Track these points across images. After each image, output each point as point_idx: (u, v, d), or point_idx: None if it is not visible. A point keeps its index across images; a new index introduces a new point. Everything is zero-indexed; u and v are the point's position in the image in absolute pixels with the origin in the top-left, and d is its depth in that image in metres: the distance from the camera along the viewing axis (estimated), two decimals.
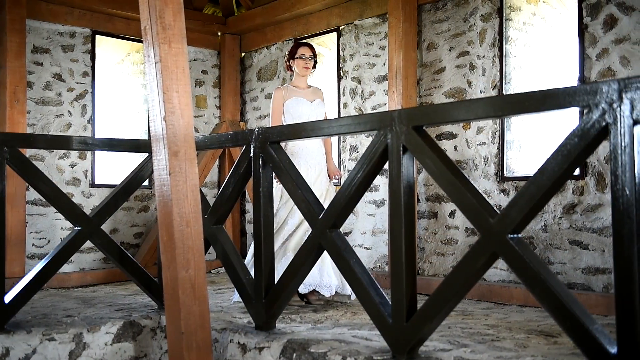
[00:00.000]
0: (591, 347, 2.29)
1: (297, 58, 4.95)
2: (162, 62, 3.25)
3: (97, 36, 6.73)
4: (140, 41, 6.76)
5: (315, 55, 5.01)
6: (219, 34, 7.64)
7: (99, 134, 6.67)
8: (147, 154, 4.56)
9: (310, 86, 5.08)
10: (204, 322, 3.30)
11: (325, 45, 6.91)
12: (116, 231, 6.74)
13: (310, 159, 4.85)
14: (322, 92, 5.12)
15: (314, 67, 5.00)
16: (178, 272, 3.24)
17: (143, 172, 4.61)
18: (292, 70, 5.05)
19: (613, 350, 2.22)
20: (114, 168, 6.76)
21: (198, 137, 4.16)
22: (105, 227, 6.21)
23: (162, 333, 4.21)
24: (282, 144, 3.58)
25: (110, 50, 6.91)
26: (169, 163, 3.27)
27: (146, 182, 6.64)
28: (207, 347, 3.31)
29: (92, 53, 6.67)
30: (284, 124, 4.78)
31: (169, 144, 3.26)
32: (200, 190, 3.79)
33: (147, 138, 6.58)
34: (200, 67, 7.62)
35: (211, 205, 4.19)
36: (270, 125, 4.76)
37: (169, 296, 3.31)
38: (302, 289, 4.56)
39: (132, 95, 7.05)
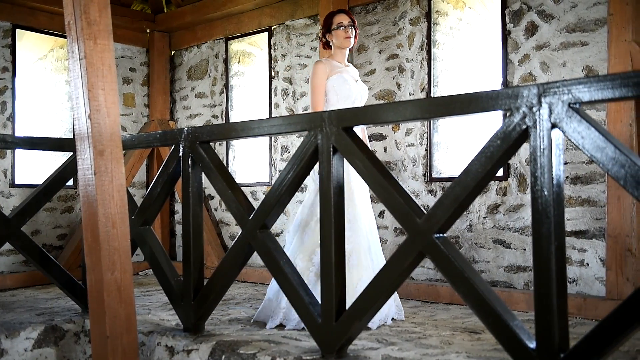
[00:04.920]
0: (511, 342, 2.37)
1: (335, 29, 4.17)
2: (87, 59, 3.16)
3: (18, 30, 6.45)
4: (65, 36, 6.54)
5: (354, 22, 4.21)
6: (148, 31, 7.48)
7: (19, 132, 6.41)
8: (71, 153, 4.42)
9: (348, 64, 4.31)
10: (130, 325, 3.23)
11: (257, 45, 6.89)
12: (38, 233, 6.49)
13: None
14: (357, 72, 4.40)
15: (355, 36, 4.22)
16: (103, 275, 3.16)
17: (67, 172, 4.47)
18: (329, 47, 4.28)
19: (532, 345, 2.30)
20: (36, 167, 6.51)
21: (125, 136, 4.07)
22: (27, 228, 6.00)
23: (86, 337, 4.09)
24: None
25: (32, 45, 6.64)
26: (94, 162, 3.18)
27: (70, 182, 6.44)
28: (134, 350, 3.24)
29: (13, 48, 6.40)
30: (327, 104, 4.12)
31: (94, 142, 3.18)
32: (128, 190, 3.71)
33: (71, 137, 6.38)
34: (128, 65, 7.44)
35: (139, 205, 4.10)
36: (310, 107, 4.13)
37: (93, 299, 3.22)
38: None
39: (55, 92, 6.80)
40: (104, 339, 3.16)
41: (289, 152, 6.34)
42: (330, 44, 4.25)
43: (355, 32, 4.20)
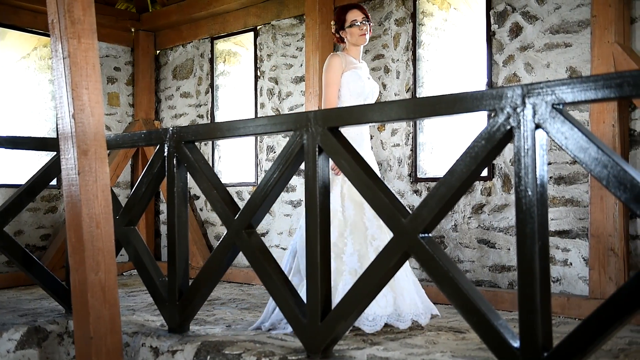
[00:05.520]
0: (496, 342, 2.38)
1: (349, 27, 4.00)
2: (71, 58, 3.14)
3: (0, 29, 6.40)
4: (48, 35, 6.48)
5: (368, 16, 4.04)
6: (133, 30, 7.44)
7: (2, 131, 6.34)
8: (55, 153, 4.38)
9: (361, 60, 4.17)
10: (114, 326, 3.21)
11: (243, 45, 6.87)
12: (21, 233, 6.43)
13: (362, 150, 3.89)
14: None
15: (370, 30, 4.06)
16: (87, 275, 3.14)
17: (50, 172, 4.43)
18: (343, 42, 4.11)
19: (516, 344, 2.32)
20: (19, 167, 6.44)
21: (110, 136, 4.04)
22: (10, 229, 5.93)
23: (69, 338, 4.06)
24: (342, 129, 2.97)
25: (15, 43, 6.58)
26: (78, 162, 3.15)
27: (54, 182, 6.38)
28: (118, 351, 3.22)
29: None
30: (340, 99, 3.98)
31: (78, 142, 3.15)
32: (112, 190, 3.68)
33: (55, 136, 6.32)
34: (113, 64, 7.40)
35: (123, 205, 4.08)
36: (323, 102, 3.99)
37: (77, 300, 3.20)
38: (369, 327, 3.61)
39: (39, 91, 6.74)
40: (87, 340, 3.14)
41: (274, 152, 6.33)
42: (345, 40, 4.08)
43: (370, 26, 4.03)
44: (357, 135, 3.93)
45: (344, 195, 3.85)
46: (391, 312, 3.64)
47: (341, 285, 3.58)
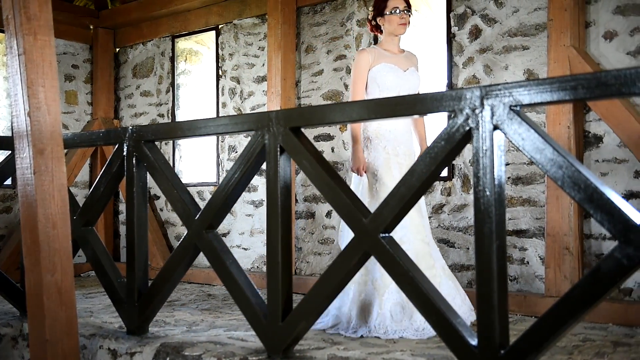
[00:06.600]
0: (454, 340, 2.41)
1: (388, 14, 3.78)
2: (27, 55, 3.07)
3: None
4: (3, 31, 6.33)
5: (410, 6, 3.82)
6: (91, 27, 7.31)
7: None
8: (9, 152, 4.28)
9: (404, 50, 3.95)
10: (70, 329, 3.15)
11: (204, 43, 6.82)
12: None
13: (399, 145, 3.76)
14: (417, 59, 4.01)
15: (409, 22, 3.82)
16: (43, 277, 3.07)
17: (5, 171, 4.32)
18: (380, 31, 3.90)
19: (474, 342, 2.35)
20: None
21: (67, 135, 3.97)
22: None
23: (24, 341, 3.96)
24: (361, 126, 2.79)
25: None
26: (34, 161, 3.09)
27: (9, 182, 6.23)
28: (74, 354, 3.16)
29: None
30: (368, 96, 3.81)
31: (34, 141, 3.09)
32: (69, 190, 3.62)
33: (10, 134, 6.17)
34: (71, 61, 7.26)
35: (81, 205, 4.01)
36: (350, 98, 3.84)
37: (32, 302, 3.13)
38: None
39: None
40: (43, 343, 3.07)
41: (236, 152, 6.30)
42: (382, 28, 3.86)
43: (410, 17, 3.81)
44: (388, 133, 3.75)
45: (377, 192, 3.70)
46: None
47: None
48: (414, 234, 3.68)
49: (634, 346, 3.34)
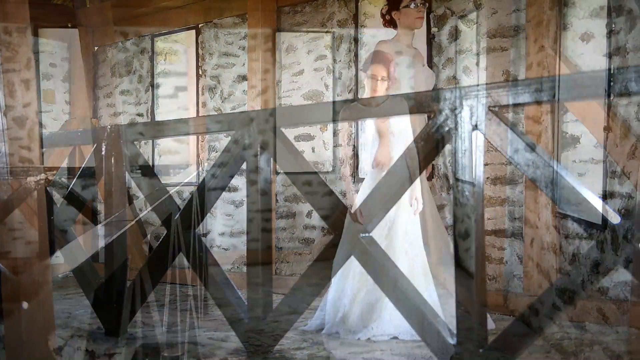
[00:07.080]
0: (433, 339, 2.43)
1: (405, 7, 3.70)
2: (3, 53, 3.04)
3: None
4: None
5: None
6: (70, 25, 7.22)
7: None
8: None
9: (415, 47, 3.83)
10: (48, 330, 3.11)
11: (184, 43, 6.77)
12: None
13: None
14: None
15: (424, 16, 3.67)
16: (20, 277, 3.04)
17: None
18: (394, 26, 3.79)
19: (453, 341, 2.37)
20: None
21: (45, 134, 3.92)
22: None
23: (0, 344, 3.91)
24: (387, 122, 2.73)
25: None
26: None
27: None
28: (51, 356, 3.13)
29: None
30: (388, 91, 3.65)
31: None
32: (46, 189, 3.58)
33: None
34: (49, 60, 7.17)
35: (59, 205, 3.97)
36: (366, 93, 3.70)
37: (8, 304, 3.09)
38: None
39: None
40: (20, 345, 3.04)
41: (216, 152, 6.27)
42: (396, 22, 3.74)
43: (425, 11, 3.68)
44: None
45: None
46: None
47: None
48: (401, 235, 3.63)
49: (610, 344, 3.38)
